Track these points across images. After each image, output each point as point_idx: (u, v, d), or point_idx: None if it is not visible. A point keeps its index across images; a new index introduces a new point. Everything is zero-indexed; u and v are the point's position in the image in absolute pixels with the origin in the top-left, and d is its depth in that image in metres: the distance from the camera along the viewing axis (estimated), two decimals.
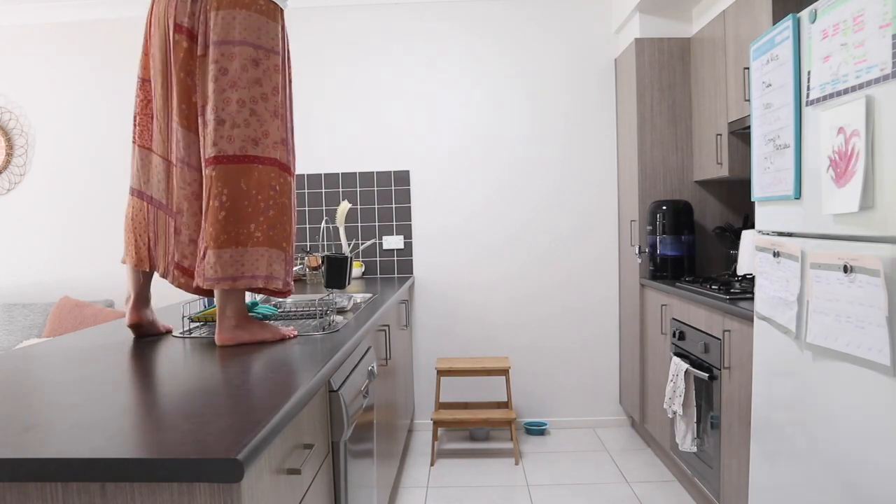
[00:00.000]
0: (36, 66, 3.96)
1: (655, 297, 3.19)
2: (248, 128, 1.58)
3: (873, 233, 1.38)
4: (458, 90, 3.86)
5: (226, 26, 1.57)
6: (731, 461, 2.32)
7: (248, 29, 1.57)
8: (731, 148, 2.90)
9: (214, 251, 1.58)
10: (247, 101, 1.58)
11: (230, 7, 1.57)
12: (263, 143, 1.60)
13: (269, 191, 1.61)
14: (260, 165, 1.60)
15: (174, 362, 1.53)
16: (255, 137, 1.60)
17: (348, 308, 2.38)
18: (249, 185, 1.59)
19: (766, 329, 1.89)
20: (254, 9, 1.58)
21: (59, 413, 1.11)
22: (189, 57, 1.62)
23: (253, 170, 1.59)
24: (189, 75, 1.63)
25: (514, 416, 3.34)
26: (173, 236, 1.72)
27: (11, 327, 3.79)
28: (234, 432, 0.98)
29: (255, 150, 1.59)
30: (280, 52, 1.64)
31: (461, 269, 3.90)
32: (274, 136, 1.62)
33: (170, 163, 1.72)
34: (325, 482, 1.51)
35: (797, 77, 1.70)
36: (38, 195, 4.00)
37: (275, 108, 1.62)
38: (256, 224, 1.59)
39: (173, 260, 1.73)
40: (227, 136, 1.58)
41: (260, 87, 1.59)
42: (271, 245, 1.61)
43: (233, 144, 1.58)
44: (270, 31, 1.60)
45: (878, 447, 1.36)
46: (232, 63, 1.57)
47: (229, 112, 1.58)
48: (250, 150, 1.59)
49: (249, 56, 1.58)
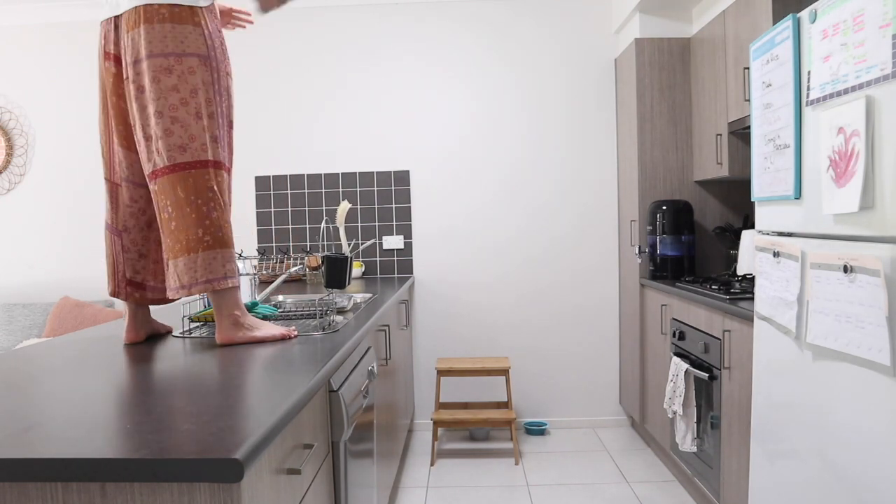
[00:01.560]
0: (36, 66, 3.96)
1: (655, 297, 3.19)
2: (171, 137, 1.61)
3: (873, 233, 1.38)
4: (458, 90, 3.86)
5: (135, 45, 1.61)
6: (731, 461, 2.32)
7: (152, 41, 1.60)
8: (731, 148, 2.90)
9: (172, 261, 1.63)
10: (164, 111, 1.61)
11: (135, 26, 1.61)
12: (191, 147, 1.62)
13: (208, 192, 1.63)
14: (192, 171, 1.62)
15: (174, 362, 1.53)
16: (182, 144, 1.62)
17: (348, 308, 2.38)
18: (187, 192, 1.62)
19: (766, 329, 1.89)
20: (156, 20, 1.60)
21: (59, 413, 1.11)
22: (118, 81, 1.69)
23: (187, 176, 1.62)
24: (121, 99, 1.70)
25: (513, 416, 3.34)
26: (122, 254, 1.77)
27: (11, 327, 3.79)
28: (234, 432, 0.98)
29: (183, 157, 1.62)
30: (195, 51, 1.65)
31: (461, 269, 3.90)
32: (201, 138, 1.63)
33: (116, 184, 1.77)
34: (325, 482, 1.51)
35: (797, 77, 1.70)
36: (38, 195, 4.00)
37: (197, 109, 1.63)
38: (204, 228, 1.62)
39: (124, 277, 1.78)
40: (156, 149, 1.62)
41: (177, 92, 1.61)
42: (221, 246, 1.64)
43: (162, 157, 1.62)
44: (178, 36, 1.62)
45: (878, 447, 1.36)
46: (145, 79, 1.61)
47: (152, 126, 1.62)
48: (178, 157, 1.61)
49: (160, 66, 1.60)
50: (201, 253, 1.62)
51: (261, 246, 3.92)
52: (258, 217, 3.91)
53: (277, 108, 3.89)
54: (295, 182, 3.89)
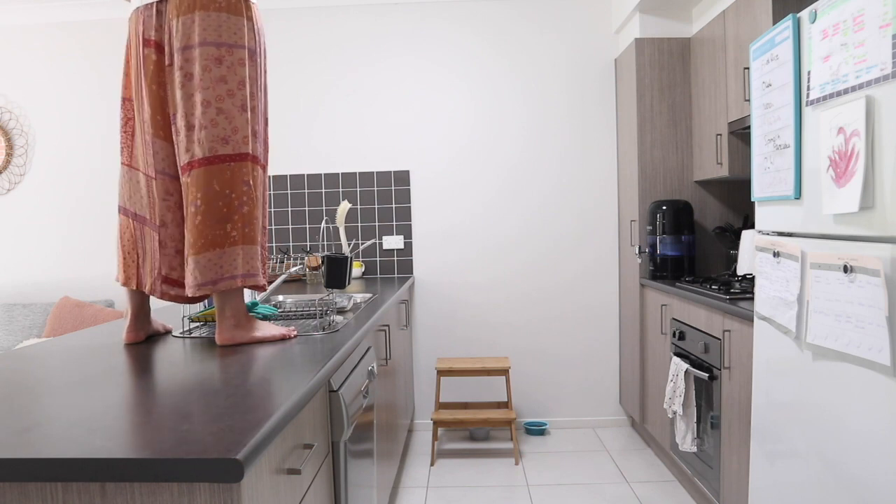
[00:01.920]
0: (36, 66, 3.96)
1: (655, 297, 3.19)
2: (216, 128, 1.59)
3: (873, 233, 1.38)
4: (459, 90, 3.86)
5: (186, 31, 1.59)
6: (731, 461, 2.32)
7: (207, 29, 1.58)
8: (731, 148, 2.90)
9: (193, 257, 1.60)
10: (212, 101, 1.59)
11: (189, 11, 1.59)
12: (233, 139, 1.61)
13: (243, 187, 1.62)
14: (232, 163, 1.60)
15: (174, 362, 1.53)
16: (225, 136, 1.60)
17: (348, 308, 2.38)
18: (223, 186, 1.60)
19: (766, 329, 1.89)
20: (212, 8, 1.59)
21: (59, 413, 1.11)
22: (159, 69, 1.65)
23: (225, 169, 1.60)
24: (161, 87, 1.66)
25: (513, 416, 3.34)
26: (158, 250, 1.72)
27: (11, 327, 3.79)
28: (234, 432, 0.98)
29: (224, 149, 1.60)
30: (246, 44, 1.64)
31: (461, 269, 3.90)
32: (244, 131, 1.62)
33: (150, 177, 1.72)
34: (325, 482, 1.51)
35: (797, 77, 1.70)
36: (38, 195, 4.00)
37: (242, 101, 1.62)
38: (232, 224, 1.60)
39: (160, 274, 1.73)
40: (198, 139, 1.60)
41: (225, 83, 1.60)
42: (246, 242, 1.62)
43: (203, 147, 1.59)
44: (232, 27, 1.61)
45: (878, 447, 1.36)
46: (195, 66, 1.59)
47: (197, 115, 1.59)
48: (220, 149, 1.59)
49: (212, 55, 1.59)
50: (227, 248, 1.59)
51: None
52: None
53: (277, 107, 3.89)
54: (295, 182, 3.89)
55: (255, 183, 1.65)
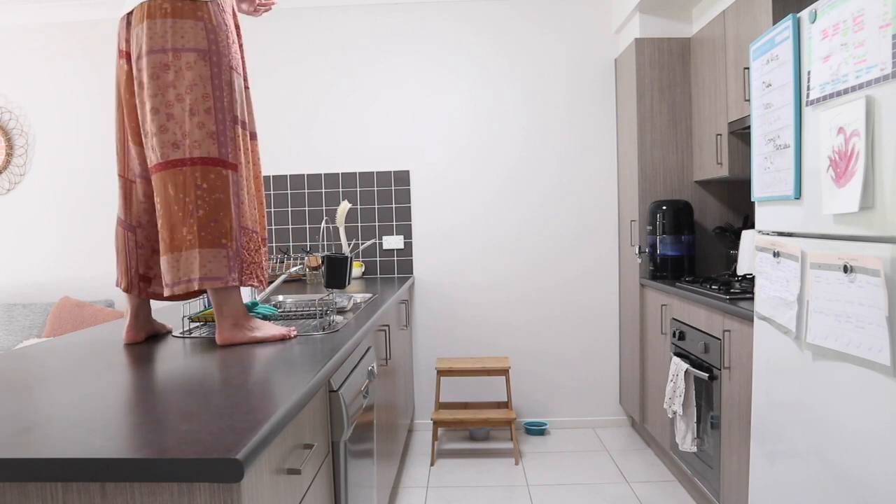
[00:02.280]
0: (36, 66, 3.96)
1: (655, 297, 3.19)
2: (165, 133, 1.61)
3: (873, 233, 1.38)
4: (459, 90, 3.86)
5: (138, 41, 1.62)
6: (731, 461, 2.32)
7: (153, 37, 1.60)
8: (731, 148, 2.90)
9: (162, 258, 1.65)
10: (160, 108, 1.61)
11: (139, 22, 1.62)
12: (184, 144, 1.62)
13: (196, 191, 1.61)
14: (184, 168, 1.61)
15: (174, 362, 1.53)
16: (175, 141, 1.62)
17: (348, 308, 2.38)
18: (176, 190, 1.62)
19: (766, 329, 1.89)
20: (157, 15, 1.60)
21: (59, 413, 1.11)
22: (129, 78, 1.70)
23: (178, 174, 1.62)
24: (132, 96, 1.71)
25: (513, 416, 3.34)
26: (135, 250, 1.80)
27: (11, 327, 3.79)
28: (234, 432, 0.98)
29: (175, 154, 1.61)
30: (195, 46, 1.63)
31: (461, 269, 3.90)
32: (195, 135, 1.61)
33: (132, 181, 1.79)
34: (325, 482, 1.51)
35: (797, 77, 1.70)
36: (38, 195, 4.00)
37: (193, 105, 1.61)
38: (188, 227, 1.61)
39: (137, 273, 1.80)
40: (151, 146, 1.63)
41: (174, 89, 1.61)
42: (203, 245, 1.62)
43: (156, 153, 1.62)
44: (178, 31, 1.61)
45: (878, 447, 1.36)
46: (144, 75, 1.62)
47: (148, 122, 1.63)
48: (171, 154, 1.61)
49: (158, 62, 1.60)
50: (185, 252, 1.61)
51: None
52: None
53: (277, 107, 3.89)
54: (295, 182, 3.89)
55: (215, 185, 1.63)
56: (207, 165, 1.63)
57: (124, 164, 1.79)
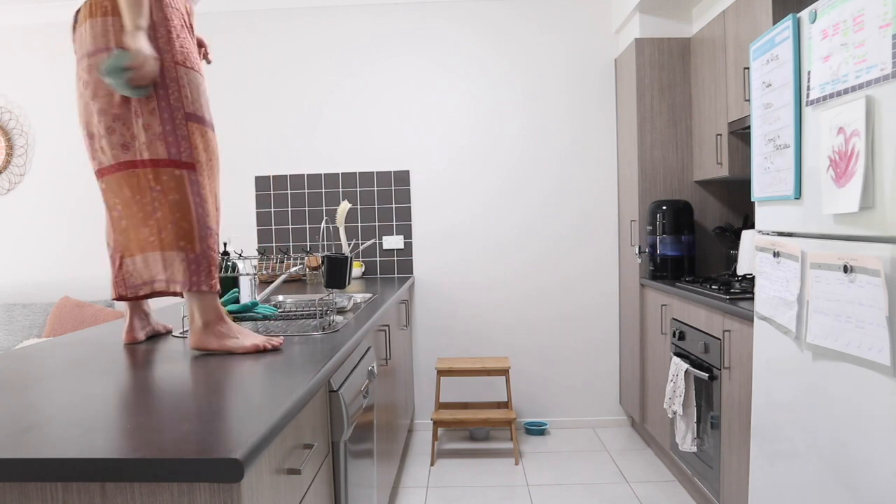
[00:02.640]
0: (36, 66, 3.96)
1: (655, 297, 3.19)
2: (113, 135, 1.57)
3: (873, 233, 1.38)
4: (459, 90, 3.86)
5: (82, 41, 1.59)
6: (731, 461, 2.32)
7: (95, 36, 1.56)
8: (731, 148, 2.90)
9: (126, 259, 1.63)
10: (107, 109, 1.56)
11: (83, 22, 1.58)
12: (133, 146, 1.57)
13: (150, 192, 1.57)
14: (137, 169, 1.58)
15: (174, 362, 1.53)
16: (124, 143, 1.57)
17: (348, 308, 2.38)
18: (132, 191, 1.58)
19: (766, 329, 1.89)
20: (98, 14, 1.56)
21: (59, 413, 1.11)
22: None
23: (132, 175, 1.58)
24: (80, 97, 1.69)
25: (514, 416, 3.34)
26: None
27: (11, 327, 3.79)
28: (234, 432, 0.98)
29: (126, 156, 1.57)
30: None
31: (461, 269, 3.90)
32: (141, 137, 1.57)
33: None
34: (325, 482, 1.51)
35: (797, 77, 1.70)
36: (38, 195, 4.00)
37: (137, 105, 1.57)
38: (150, 229, 1.58)
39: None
40: (100, 147, 1.59)
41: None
42: (165, 248, 1.58)
43: (106, 155, 1.59)
44: (119, 29, 1.55)
45: (878, 447, 1.36)
46: (88, 75, 1.57)
47: (95, 124, 1.59)
48: (122, 156, 1.57)
49: (99, 62, 1.56)
50: (149, 253, 1.59)
51: (261, 246, 3.92)
52: (258, 217, 3.91)
53: (277, 107, 3.89)
54: (295, 182, 3.89)
55: (170, 186, 1.57)
56: (159, 167, 1.58)
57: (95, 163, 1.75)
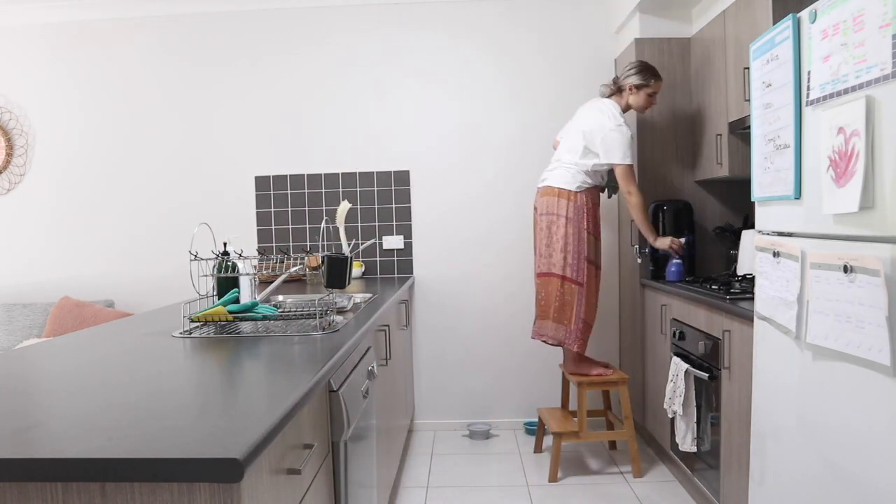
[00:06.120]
0: (36, 66, 3.96)
1: (655, 297, 3.19)
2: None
3: (873, 233, 1.38)
4: (459, 90, 3.86)
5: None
6: (731, 461, 2.33)
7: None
8: (731, 148, 2.90)
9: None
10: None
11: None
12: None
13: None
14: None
15: (174, 362, 1.53)
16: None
17: (348, 308, 2.38)
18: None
19: (766, 329, 1.89)
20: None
21: (60, 413, 1.11)
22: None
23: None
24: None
25: (633, 433, 3.11)
26: None
27: (11, 327, 3.79)
28: (234, 432, 0.98)
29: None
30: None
31: (461, 269, 3.90)
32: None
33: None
34: (325, 482, 1.51)
35: (797, 77, 1.70)
36: (38, 195, 4.00)
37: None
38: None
39: None
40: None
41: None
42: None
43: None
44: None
45: (878, 447, 1.36)
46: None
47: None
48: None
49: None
50: None
51: (261, 246, 3.92)
52: (258, 217, 3.92)
53: (278, 108, 3.90)
54: (295, 182, 3.90)
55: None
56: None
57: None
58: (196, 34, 3.90)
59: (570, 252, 3.02)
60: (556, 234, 3.03)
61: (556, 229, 3.03)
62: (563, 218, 3.02)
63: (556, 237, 3.03)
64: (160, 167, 3.95)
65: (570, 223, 3.01)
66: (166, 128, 3.94)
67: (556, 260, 3.04)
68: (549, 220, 3.06)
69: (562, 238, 3.02)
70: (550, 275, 3.06)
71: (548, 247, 3.07)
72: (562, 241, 3.01)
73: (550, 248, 3.05)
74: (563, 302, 3.06)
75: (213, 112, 3.92)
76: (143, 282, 3.99)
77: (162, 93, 3.92)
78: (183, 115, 3.93)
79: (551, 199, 3.07)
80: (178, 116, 3.93)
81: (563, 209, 3.03)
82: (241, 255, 2.26)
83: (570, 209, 3.02)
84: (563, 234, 3.01)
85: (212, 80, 3.90)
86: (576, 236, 3.02)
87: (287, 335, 1.85)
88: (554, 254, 3.04)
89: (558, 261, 3.03)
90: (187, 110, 3.92)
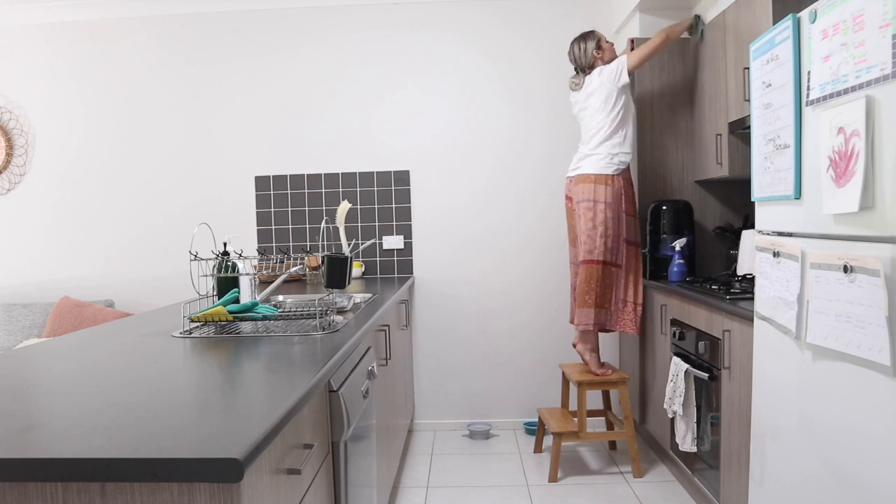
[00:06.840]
0: (36, 66, 3.96)
1: (655, 297, 3.19)
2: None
3: (873, 233, 1.38)
4: (459, 90, 3.86)
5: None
6: (731, 461, 2.33)
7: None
8: (731, 148, 2.90)
9: None
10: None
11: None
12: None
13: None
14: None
15: (174, 362, 1.53)
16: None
17: (348, 308, 2.38)
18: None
19: (766, 329, 1.89)
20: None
21: (60, 413, 1.11)
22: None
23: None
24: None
25: (633, 433, 3.10)
26: None
27: (11, 327, 3.79)
28: (234, 432, 0.98)
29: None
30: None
31: (461, 269, 3.90)
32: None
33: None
34: (325, 482, 1.51)
35: (797, 77, 1.70)
36: (38, 195, 4.00)
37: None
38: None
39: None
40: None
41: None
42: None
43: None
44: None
45: (878, 447, 1.36)
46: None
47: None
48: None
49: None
50: None
51: (261, 246, 3.92)
52: (258, 217, 3.92)
53: (278, 108, 3.90)
54: (295, 182, 3.90)
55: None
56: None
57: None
58: (196, 34, 3.90)
59: (611, 236, 3.06)
60: (597, 219, 3.05)
61: (597, 215, 3.05)
62: (601, 203, 3.04)
63: (597, 222, 3.05)
64: (160, 167, 3.95)
65: (610, 207, 3.04)
66: (166, 128, 3.94)
67: (597, 245, 3.06)
68: (588, 206, 3.07)
69: (601, 223, 3.04)
70: (592, 262, 3.08)
71: (589, 234, 3.08)
72: (602, 227, 3.04)
73: (592, 235, 3.07)
74: (604, 286, 3.10)
75: (213, 112, 3.92)
76: (143, 282, 3.99)
77: (162, 93, 3.93)
78: (183, 115, 3.93)
79: (587, 185, 3.08)
80: (179, 116, 3.93)
81: (601, 195, 3.05)
82: (241, 255, 2.26)
83: (609, 194, 3.05)
84: (604, 220, 3.04)
85: (212, 80, 3.90)
86: (615, 220, 3.05)
87: (287, 335, 1.85)
88: (596, 240, 3.06)
89: (599, 246, 3.06)
90: (187, 110, 3.92)
